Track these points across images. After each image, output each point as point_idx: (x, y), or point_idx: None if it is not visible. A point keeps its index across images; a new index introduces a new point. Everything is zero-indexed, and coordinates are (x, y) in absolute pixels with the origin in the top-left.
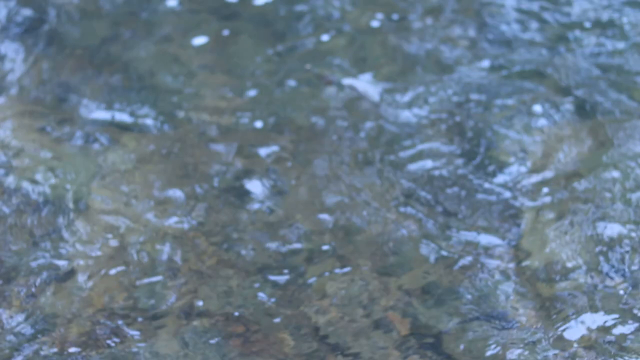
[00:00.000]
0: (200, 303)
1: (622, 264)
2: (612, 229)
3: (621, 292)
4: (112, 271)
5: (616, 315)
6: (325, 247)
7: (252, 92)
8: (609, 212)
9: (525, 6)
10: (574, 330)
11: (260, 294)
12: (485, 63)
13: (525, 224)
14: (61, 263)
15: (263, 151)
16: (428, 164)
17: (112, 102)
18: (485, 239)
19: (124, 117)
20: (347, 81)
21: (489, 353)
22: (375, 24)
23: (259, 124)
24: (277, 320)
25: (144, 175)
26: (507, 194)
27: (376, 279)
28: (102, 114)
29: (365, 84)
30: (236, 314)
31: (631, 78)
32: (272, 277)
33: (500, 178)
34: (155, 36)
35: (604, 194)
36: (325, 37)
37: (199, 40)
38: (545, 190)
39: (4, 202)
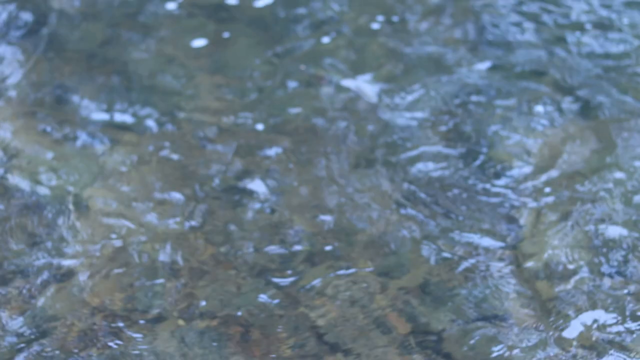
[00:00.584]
0: (201, 304)
1: (624, 265)
2: (613, 230)
3: (622, 292)
4: (113, 272)
5: (617, 316)
6: (325, 248)
7: (251, 94)
8: (610, 212)
9: (525, 7)
10: (574, 330)
11: (261, 295)
12: (486, 64)
13: (526, 225)
14: (61, 264)
15: (263, 152)
16: (428, 165)
17: (112, 103)
18: (486, 240)
19: (124, 118)
20: (345, 83)
21: (489, 353)
22: (373, 25)
23: (258, 125)
24: (277, 320)
25: (144, 176)
26: (508, 195)
27: (376, 280)
28: (102, 115)
29: (364, 86)
30: (236, 314)
31: (634, 78)
32: (272, 278)
33: (501, 179)
34: (155, 38)
35: (605, 195)
36: (323, 39)
37: (198, 43)
38: (546, 191)
39: (4, 202)
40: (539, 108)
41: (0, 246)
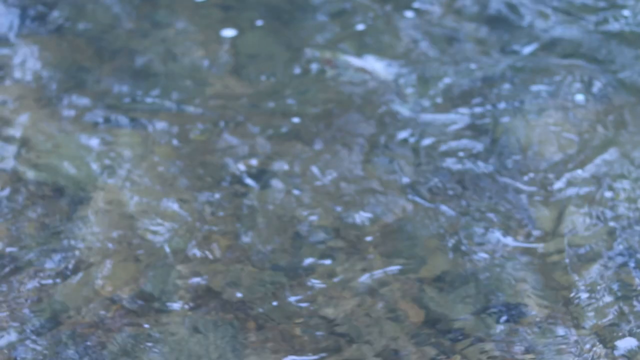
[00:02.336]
0: (214, 294)
1: None
2: (638, 223)
3: None
4: (125, 261)
5: (636, 307)
6: (340, 238)
7: (268, 81)
8: (637, 206)
9: None
10: (593, 322)
11: (274, 285)
12: (514, 49)
13: (550, 217)
14: (77, 254)
15: (283, 139)
16: (451, 154)
17: (130, 90)
18: (507, 232)
19: (140, 104)
20: (367, 68)
21: (506, 343)
22: (392, 10)
23: (279, 112)
24: (290, 311)
25: (160, 164)
26: (534, 187)
27: (391, 270)
28: (123, 101)
29: (386, 73)
30: (250, 305)
31: None
32: (286, 268)
33: (527, 170)
34: (174, 25)
35: (636, 188)
36: (344, 26)
37: (217, 29)
38: (574, 183)
39: (17, 191)
40: (572, 95)
41: (17, 235)
